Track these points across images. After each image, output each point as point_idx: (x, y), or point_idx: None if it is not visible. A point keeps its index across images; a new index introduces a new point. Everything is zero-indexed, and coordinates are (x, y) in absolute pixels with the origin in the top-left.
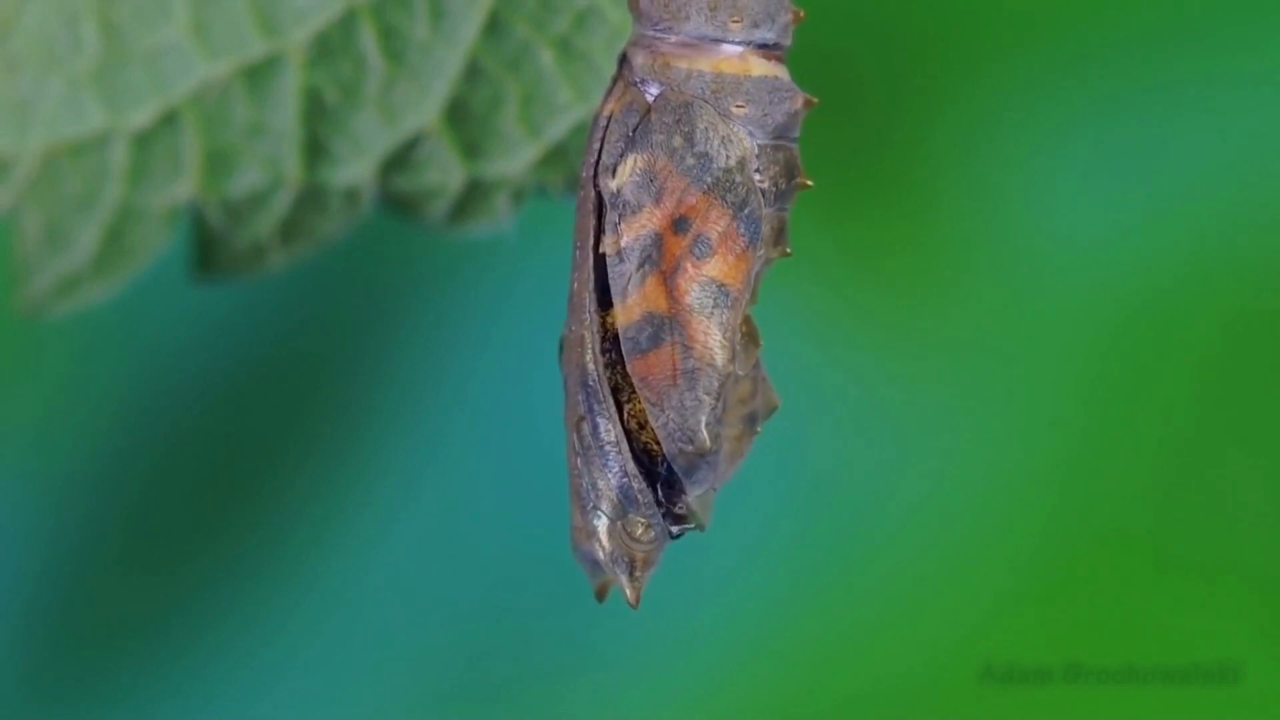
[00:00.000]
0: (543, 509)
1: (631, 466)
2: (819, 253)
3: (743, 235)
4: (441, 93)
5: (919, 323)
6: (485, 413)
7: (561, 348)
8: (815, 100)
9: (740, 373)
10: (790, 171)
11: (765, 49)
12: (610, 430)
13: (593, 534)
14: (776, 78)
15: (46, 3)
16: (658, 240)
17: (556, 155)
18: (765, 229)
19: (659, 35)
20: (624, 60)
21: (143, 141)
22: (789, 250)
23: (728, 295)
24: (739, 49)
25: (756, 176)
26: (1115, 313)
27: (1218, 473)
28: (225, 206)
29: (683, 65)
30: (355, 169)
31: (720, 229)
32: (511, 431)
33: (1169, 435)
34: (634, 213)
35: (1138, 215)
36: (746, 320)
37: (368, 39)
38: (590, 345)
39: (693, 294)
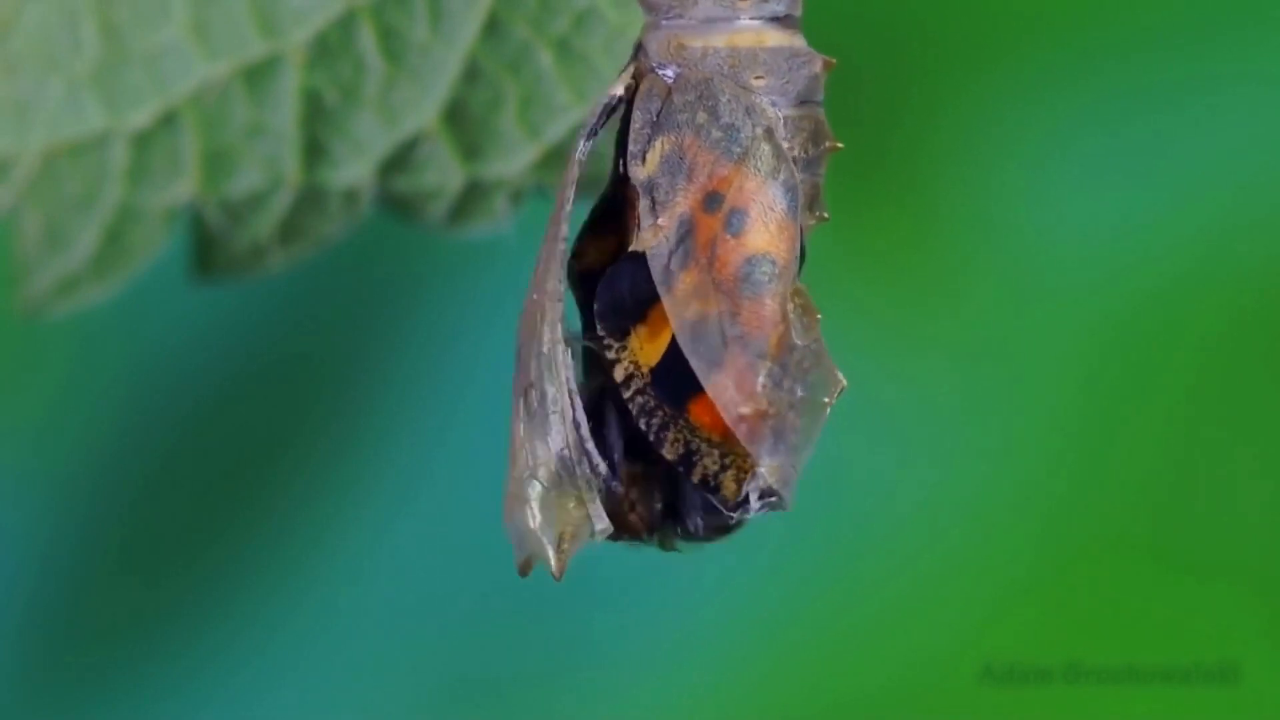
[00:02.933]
0: None
1: (573, 437)
2: (818, 252)
3: (780, 204)
4: (441, 94)
5: (919, 323)
6: (483, 413)
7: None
8: (834, 61)
9: (799, 342)
10: (818, 137)
11: (778, 21)
12: (559, 400)
13: (525, 501)
14: (792, 45)
15: (46, 3)
16: (693, 219)
17: (556, 156)
18: (800, 199)
19: (670, 22)
20: (639, 48)
21: (142, 142)
22: (826, 215)
23: (774, 265)
24: (753, 23)
25: (784, 145)
26: (1115, 312)
27: (1218, 473)
28: (224, 207)
29: (697, 44)
30: (354, 170)
31: (757, 200)
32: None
33: (1169, 435)
34: (669, 196)
35: (1138, 215)
36: (799, 291)
37: (367, 40)
38: (548, 315)
39: (735, 268)
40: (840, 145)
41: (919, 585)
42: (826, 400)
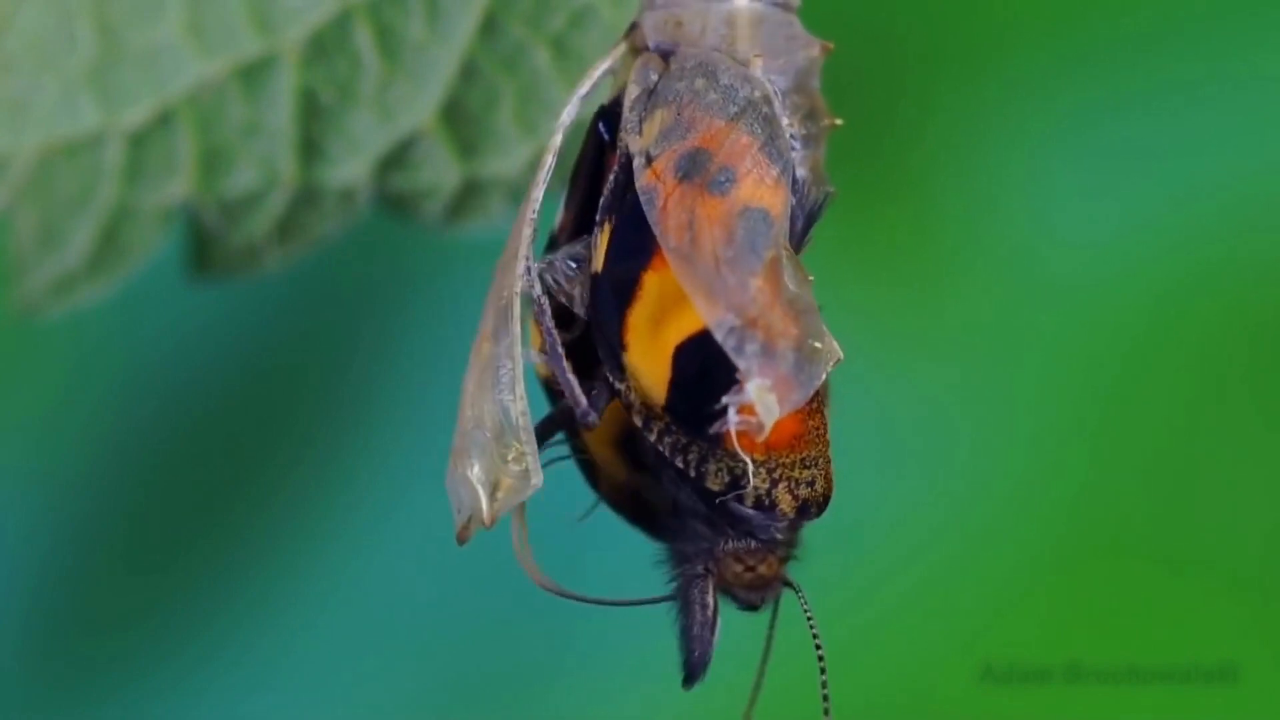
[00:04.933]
0: (531, 510)
1: (520, 389)
2: (817, 251)
3: (774, 165)
4: (437, 92)
5: (919, 323)
6: None
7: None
8: (831, 45)
9: (791, 286)
10: (815, 114)
11: (777, 6)
12: (511, 352)
13: (466, 453)
14: (791, 24)
15: (41, 2)
16: (688, 175)
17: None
18: (803, 173)
19: (667, 5)
20: (633, 28)
21: (138, 141)
22: (832, 189)
23: (769, 216)
24: (753, 5)
25: (784, 121)
26: (1115, 312)
27: (1217, 472)
28: (220, 206)
29: (696, 24)
30: (351, 168)
31: (750, 156)
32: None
33: (1169, 435)
34: (664, 152)
35: (1137, 215)
36: (790, 254)
37: (363, 38)
38: (511, 269)
39: (730, 217)
40: (839, 121)
41: (919, 585)
42: (821, 363)
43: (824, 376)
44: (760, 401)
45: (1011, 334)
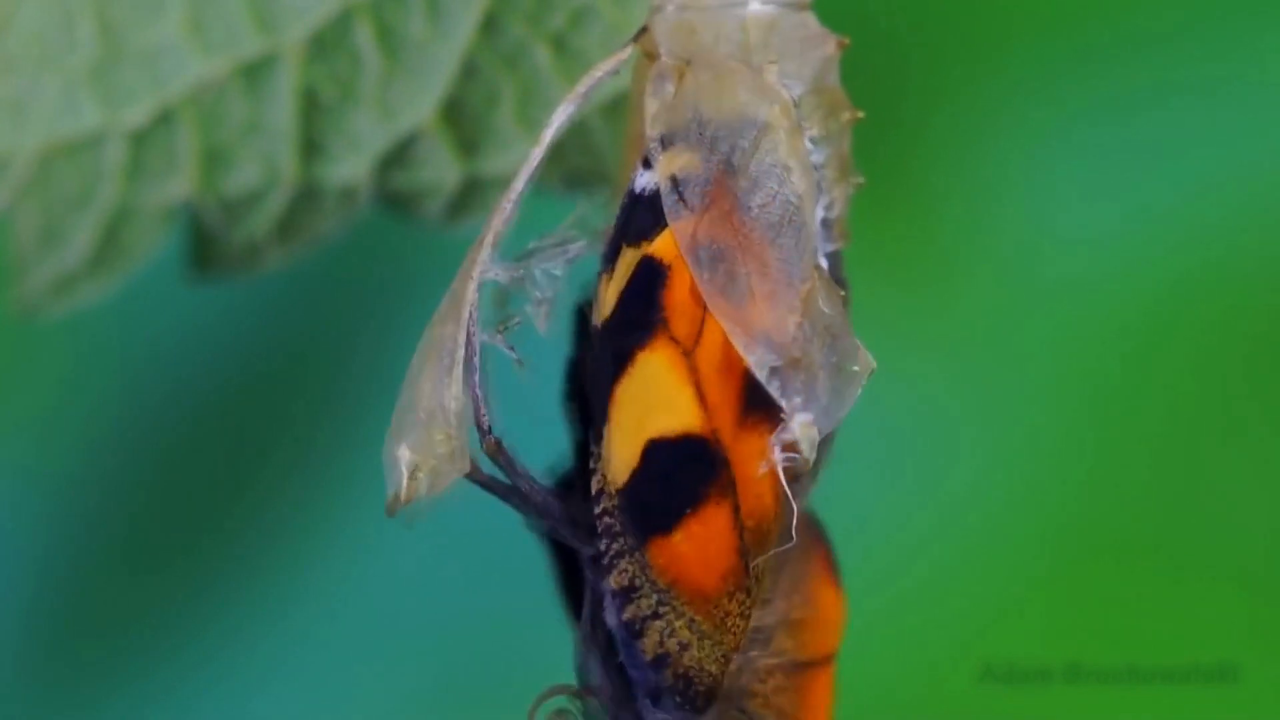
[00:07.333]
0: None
1: (458, 373)
2: None
3: (797, 181)
4: (438, 90)
5: (919, 323)
6: None
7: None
8: (846, 40)
9: (825, 309)
10: (836, 110)
11: (789, 7)
12: (456, 337)
13: (399, 431)
14: (805, 23)
15: (42, 2)
16: (717, 188)
17: (553, 153)
18: (830, 171)
19: (681, 5)
20: (643, 32)
21: (139, 140)
22: (861, 180)
23: (799, 238)
24: (765, 8)
25: (804, 125)
26: (1115, 312)
27: (1217, 473)
28: (221, 205)
29: (709, 30)
30: (352, 167)
31: (773, 175)
32: (504, 431)
33: (1169, 435)
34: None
35: (1137, 215)
36: (821, 272)
37: (364, 37)
38: (470, 257)
39: (758, 247)
40: (861, 114)
41: (919, 585)
42: (855, 383)
43: (859, 393)
44: (805, 438)
45: (1012, 333)
